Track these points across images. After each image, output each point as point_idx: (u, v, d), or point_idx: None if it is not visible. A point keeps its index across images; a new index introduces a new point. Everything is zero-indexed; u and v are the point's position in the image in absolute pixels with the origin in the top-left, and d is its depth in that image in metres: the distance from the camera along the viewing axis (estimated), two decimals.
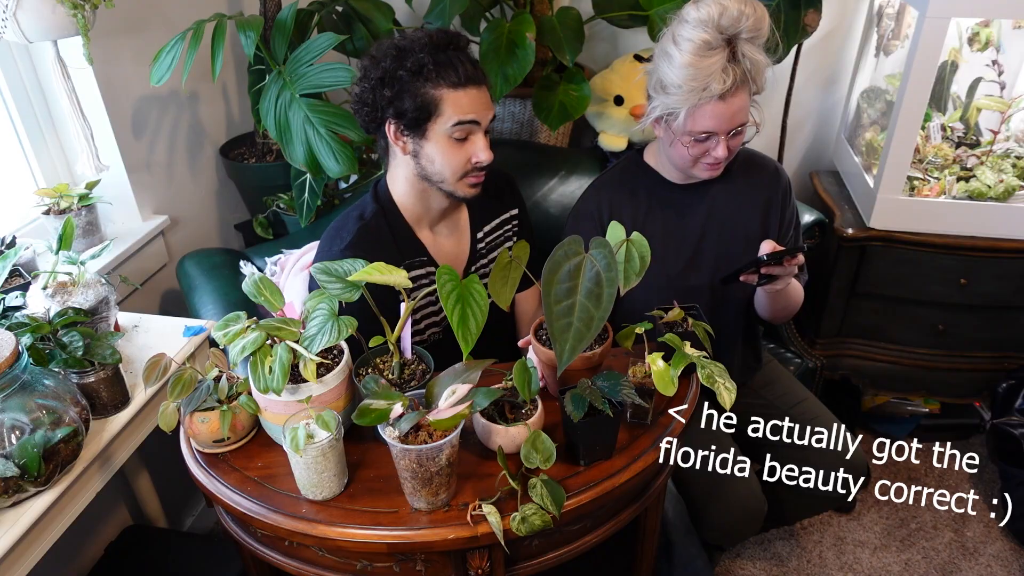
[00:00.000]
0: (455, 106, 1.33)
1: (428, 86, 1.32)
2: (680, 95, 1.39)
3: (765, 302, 1.59)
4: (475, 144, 1.37)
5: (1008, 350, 2.07)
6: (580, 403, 1.06)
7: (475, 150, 1.37)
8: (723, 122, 1.41)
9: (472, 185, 1.41)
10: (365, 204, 1.47)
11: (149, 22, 1.84)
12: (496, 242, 1.59)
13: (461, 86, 1.32)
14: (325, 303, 1.10)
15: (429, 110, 1.33)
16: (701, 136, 1.43)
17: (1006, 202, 1.89)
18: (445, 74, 1.31)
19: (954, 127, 2.03)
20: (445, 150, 1.36)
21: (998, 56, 1.94)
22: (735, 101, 1.39)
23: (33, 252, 1.58)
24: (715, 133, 1.42)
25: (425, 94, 1.32)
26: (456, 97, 1.33)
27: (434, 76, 1.31)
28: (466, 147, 1.36)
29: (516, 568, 1.14)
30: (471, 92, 1.34)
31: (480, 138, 1.37)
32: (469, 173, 1.39)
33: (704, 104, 1.38)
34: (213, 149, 2.14)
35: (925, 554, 1.99)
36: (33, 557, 1.19)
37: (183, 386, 1.13)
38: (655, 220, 1.58)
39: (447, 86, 1.32)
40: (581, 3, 2.09)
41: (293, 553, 1.15)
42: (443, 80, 1.32)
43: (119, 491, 1.77)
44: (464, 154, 1.36)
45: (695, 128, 1.42)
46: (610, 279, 1.01)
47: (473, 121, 1.34)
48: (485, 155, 1.37)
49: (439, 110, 1.33)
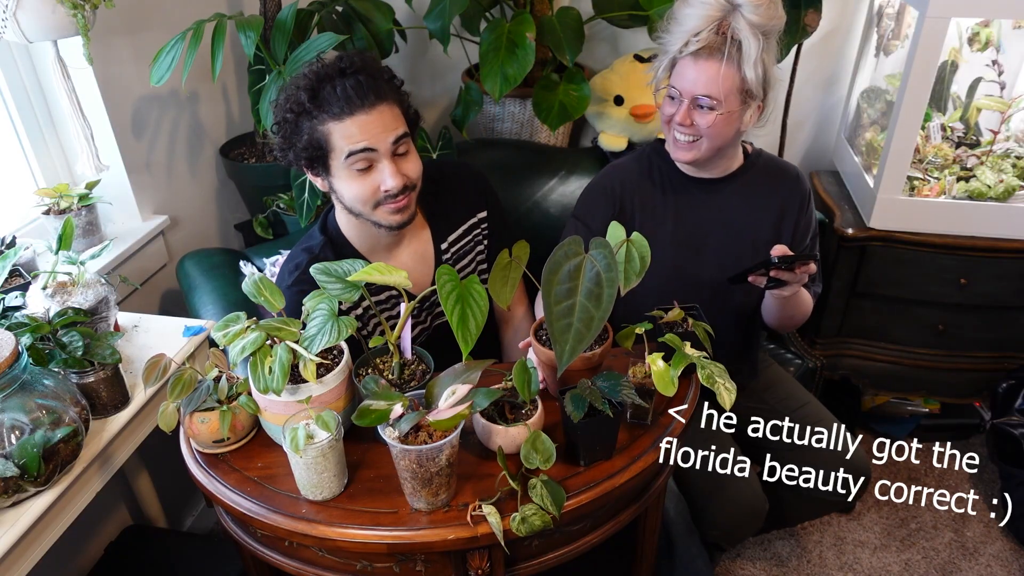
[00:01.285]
0: (344, 137, 1.27)
1: (313, 123, 1.27)
2: (669, 37, 1.43)
3: (772, 308, 1.58)
4: (380, 172, 1.30)
5: (1008, 350, 2.07)
6: (580, 403, 1.06)
7: (381, 178, 1.29)
8: (687, 83, 1.42)
9: (393, 212, 1.33)
10: (312, 237, 1.43)
11: (149, 22, 1.84)
12: (464, 249, 1.54)
13: (346, 115, 1.25)
14: (325, 303, 1.10)
15: (321, 147, 1.28)
16: (673, 91, 1.45)
17: (1006, 202, 1.89)
18: (325, 107, 1.26)
19: (954, 127, 2.03)
20: (350, 183, 1.30)
21: (998, 56, 1.94)
22: (707, 67, 1.40)
23: (33, 252, 1.58)
24: (680, 94, 1.43)
25: (312, 131, 1.27)
26: (342, 128, 1.26)
27: (314, 112, 1.26)
28: (372, 176, 1.30)
29: (516, 568, 1.14)
30: (359, 119, 1.26)
31: (385, 164, 1.29)
32: (382, 202, 1.32)
33: (682, 59, 1.42)
34: (213, 149, 2.14)
35: (925, 554, 1.99)
36: (33, 557, 1.19)
37: (183, 386, 1.13)
38: (667, 206, 1.58)
39: (330, 119, 1.26)
40: (581, 3, 2.09)
41: (293, 553, 1.15)
42: (324, 114, 1.26)
43: (119, 491, 1.77)
44: (371, 184, 1.30)
45: (668, 81, 1.46)
46: (610, 279, 1.00)
47: (366, 149, 1.27)
48: (393, 181, 1.29)
49: (330, 144, 1.28)
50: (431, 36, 1.91)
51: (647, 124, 2.08)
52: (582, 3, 2.09)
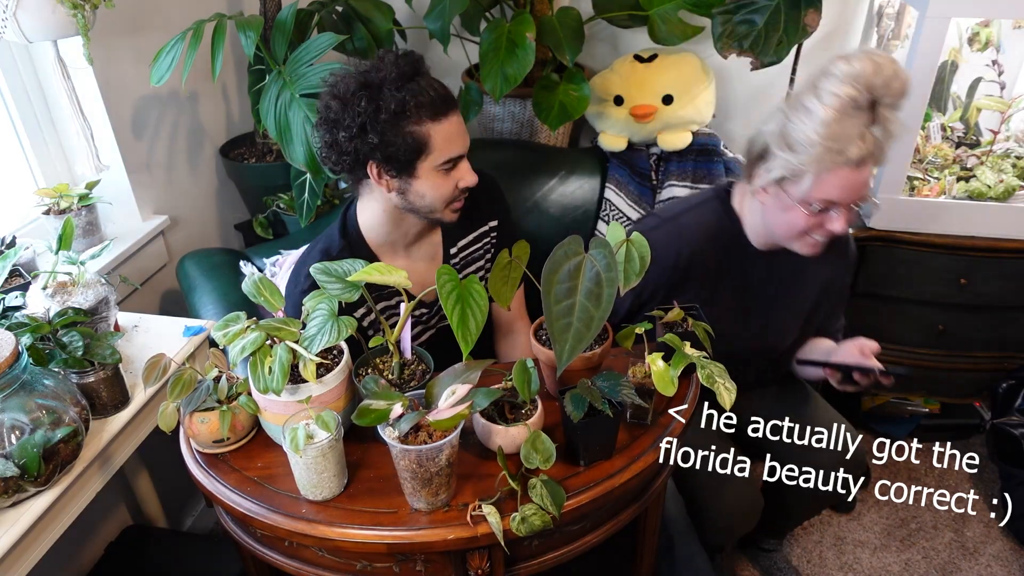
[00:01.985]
0: (443, 140, 1.28)
1: (412, 124, 1.26)
2: (812, 154, 1.27)
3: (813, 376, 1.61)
4: (461, 169, 1.34)
5: (1008, 350, 2.07)
6: (580, 403, 1.06)
7: (462, 175, 1.34)
8: (849, 193, 1.30)
9: (456, 210, 1.38)
10: (332, 239, 1.42)
11: (149, 22, 1.84)
12: (473, 255, 1.54)
13: (443, 116, 1.27)
14: (325, 303, 1.10)
15: (419, 149, 1.28)
16: (822, 205, 1.32)
17: (1006, 202, 1.89)
18: (425, 108, 1.25)
19: (954, 127, 2.03)
20: (436, 184, 1.32)
21: (998, 56, 1.94)
22: (866, 171, 1.29)
23: (33, 252, 1.58)
24: (837, 204, 1.31)
25: (412, 133, 1.26)
26: (440, 129, 1.28)
27: (416, 112, 1.25)
28: (453, 174, 1.34)
29: (516, 568, 1.14)
30: (452, 120, 1.29)
31: (465, 162, 1.35)
32: (455, 199, 1.36)
33: (836, 169, 1.27)
34: (213, 149, 2.14)
35: (925, 554, 1.99)
36: (33, 557, 1.19)
37: (183, 386, 1.13)
38: (725, 278, 1.51)
39: (430, 120, 1.26)
40: (581, 3, 2.09)
41: (293, 553, 1.15)
42: (424, 115, 1.26)
43: (119, 491, 1.77)
44: (452, 182, 1.34)
45: (819, 195, 1.30)
46: (610, 279, 1.00)
47: (460, 155, 1.33)
48: (471, 177, 1.35)
49: (428, 147, 1.28)
50: (431, 36, 1.91)
51: (647, 124, 2.08)
52: (582, 3, 2.08)
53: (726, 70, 2.24)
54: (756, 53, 1.79)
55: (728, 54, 1.81)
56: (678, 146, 2.10)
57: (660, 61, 2.09)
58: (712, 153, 2.12)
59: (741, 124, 2.36)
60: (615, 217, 2.14)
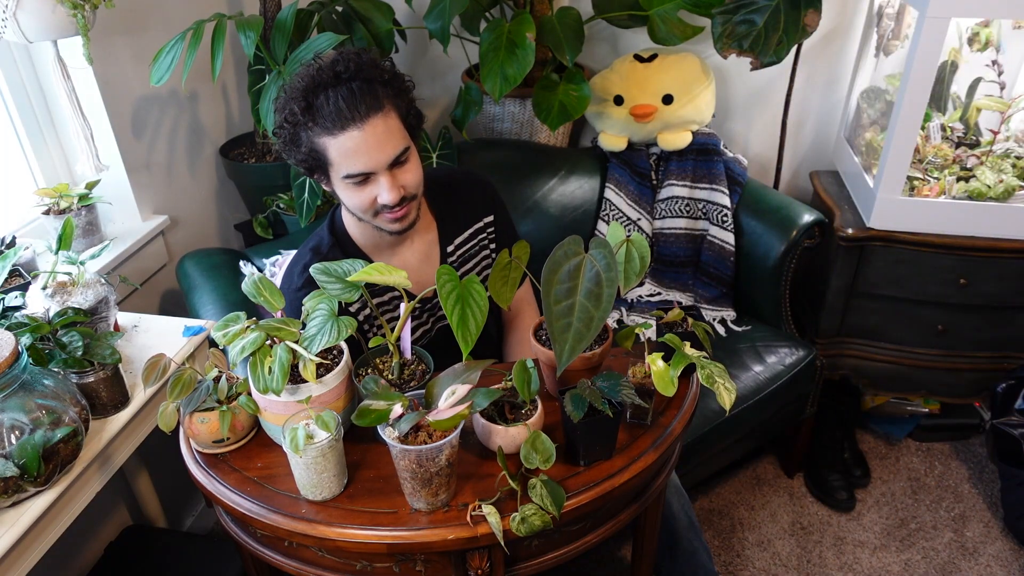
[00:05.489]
0: (340, 155, 1.22)
1: (309, 135, 1.22)
2: None
3: None
4: (377, 185, 1.26)
5: (1008, 350, 2.07)
6: (580, 403, 1.06)
7: (378, 191, 1.26)
8: None
9: (392, 221, 1.31)
10: (321, 237, 1.41)
11: (149, 22, 1.84)
12: (470, 252, 1.52)
13: (339, 130, 1.20)
14: (325, 303, 1.10)
15: (320, 159, 1.24)
16: None
17: (1006, 202, 1.89)
18: (319, 120, 1.20)
19: (954, 127, 2.03)
20: (351, 195, 1.28)
21: (998, 56, 1.94)
22: None
23: (33, 252, 1.58)
24: None
25: (309, 142, 1.23)
26: (337, 144, 1.21)
27: (309, 123, 1.21)
28: (369, 188, 1.26)
29: (516, 568, 1.14)
30: (352, 134, 1.20)
31: (382, 179, 1.25)
32: (381, 211, 1.29)
33: None
34: (213, 149, 2.14)
35: (925, 554, 1.99)
36: (33, 557, 1.19)
37: (183, 386, 1.13)
38: None
39: (324, 133, 1.21)
40: (581, 3, 2.09)
41: (293, 553, 1.15)
42: (318, 127, 1.21)
43: (119, 491, 1.77)
44: (368, 196, 1.27)
45: None
46: (610, 279, 1.01)
47: (362, 173, 1.24)
48: (389, 196, 1.25)
49: (327, 158, 1.24)
50: (431, 36, 1.91)
51: (647, 124, 2.09)
52: (582, 3, 2.09)
53: (726, 70, 2.25)
54: (756, 53, 1.79)
55: (728, 54, 1.82)
56: (678, 146, 2.10)
57: (660, 61, 2.10)
58: (712, 153, 2.12)
59: (741, 124, 2.36)
60: (615, 217, 2.14)
